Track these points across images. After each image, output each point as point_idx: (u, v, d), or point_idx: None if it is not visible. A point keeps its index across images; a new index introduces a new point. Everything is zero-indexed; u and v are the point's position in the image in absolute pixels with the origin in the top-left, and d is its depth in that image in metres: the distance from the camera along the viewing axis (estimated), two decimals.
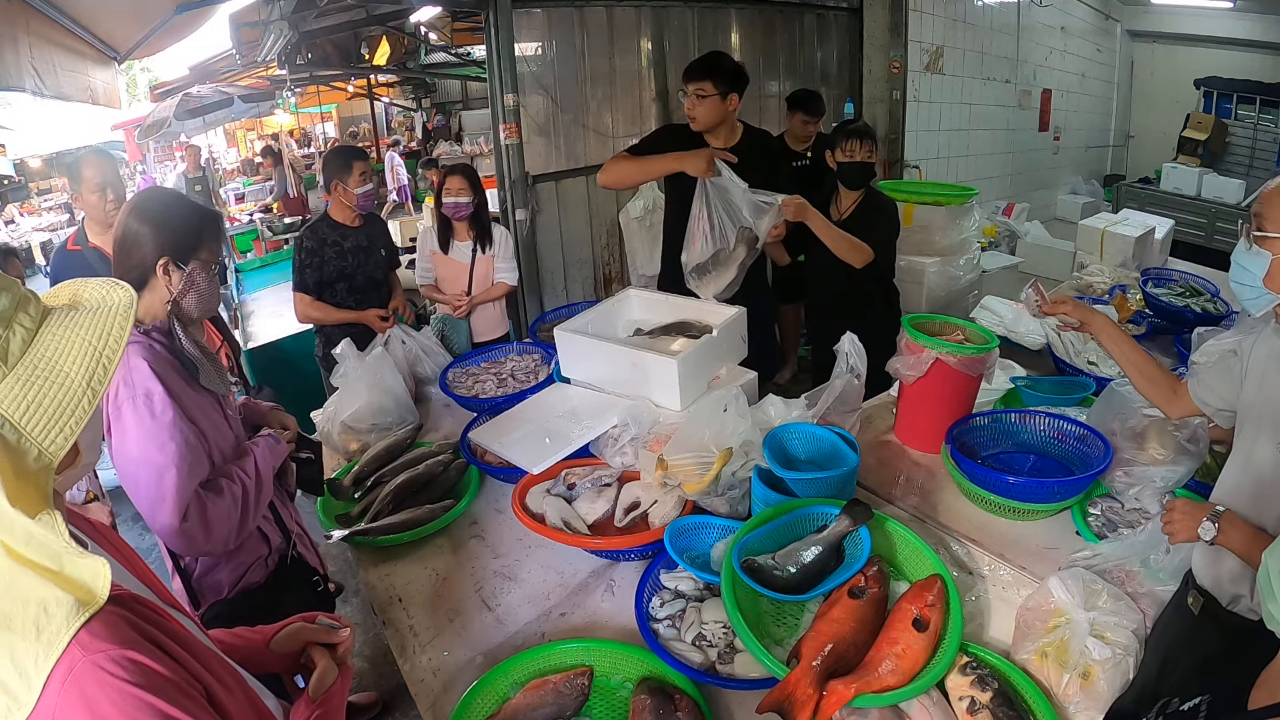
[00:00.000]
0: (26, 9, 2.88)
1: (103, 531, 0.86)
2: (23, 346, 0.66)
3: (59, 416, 0.65)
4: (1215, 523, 1.13)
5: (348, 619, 1.13)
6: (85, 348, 0.68)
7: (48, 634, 0.62)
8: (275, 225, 7.21)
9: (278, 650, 0.99)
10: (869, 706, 1.04)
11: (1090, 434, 1.65)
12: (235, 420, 1.51)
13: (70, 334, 0.69)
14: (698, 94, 2.29)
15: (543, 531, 1.51)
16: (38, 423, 0.64)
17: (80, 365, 0.67)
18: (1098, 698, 1.09)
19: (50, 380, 0.66)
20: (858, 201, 2.54)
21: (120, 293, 0.75)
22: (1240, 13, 7.20)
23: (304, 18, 4.91)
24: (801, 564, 1.25)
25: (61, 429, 0.65)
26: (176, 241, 1.36)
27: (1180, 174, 6.85)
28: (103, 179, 2.39)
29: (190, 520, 1.29)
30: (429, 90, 11.00)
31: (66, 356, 0.67)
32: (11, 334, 0.66)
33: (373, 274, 2.71)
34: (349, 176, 2.57)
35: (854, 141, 2.46)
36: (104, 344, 0.69)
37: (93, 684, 0.62)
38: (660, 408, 1.80)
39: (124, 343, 0.71)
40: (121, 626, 0.67)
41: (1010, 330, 2.54)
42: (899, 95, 5.35)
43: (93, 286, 0.77)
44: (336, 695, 0.94)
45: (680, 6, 4.32)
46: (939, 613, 1.14)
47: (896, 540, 1.35)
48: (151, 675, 0.65)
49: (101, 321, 0.71)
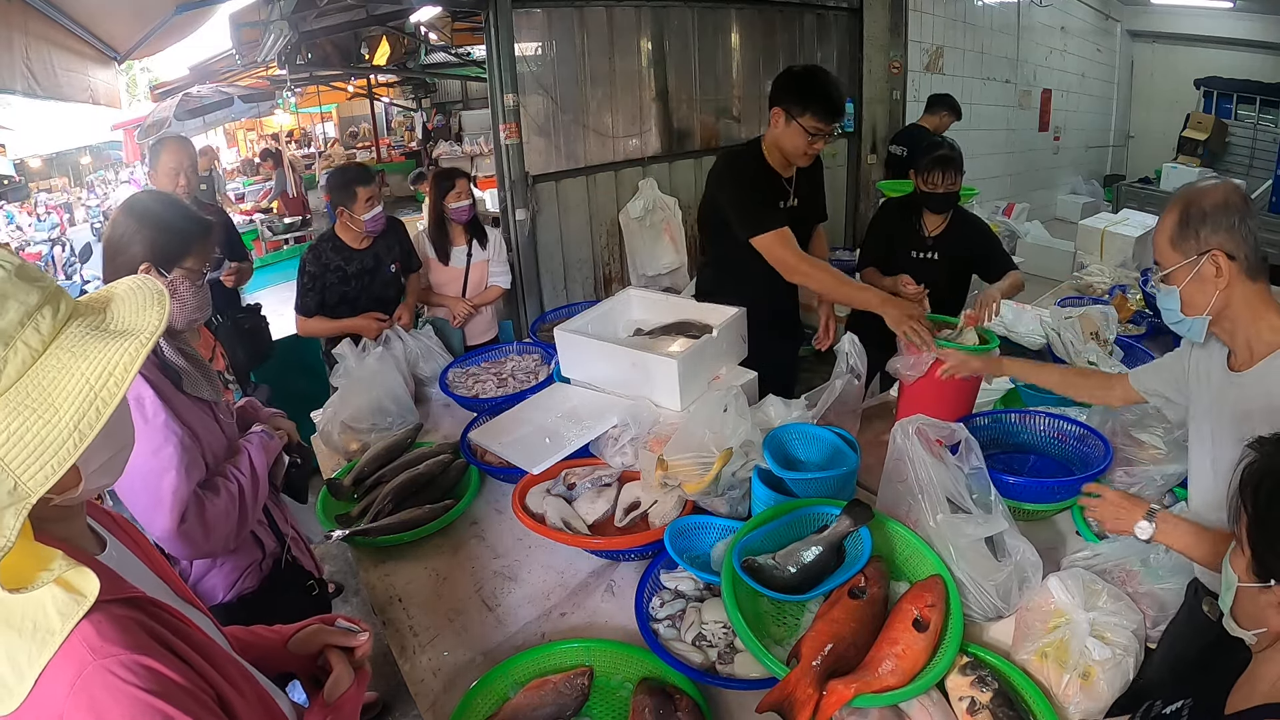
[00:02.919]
0: (26, 9, 2.87)
1: (122, 525, 0.85)
2: (20, 370, 0.62)
3: (39, 453, 0.60)
4: (1152, 521, 1.19)
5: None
6: (83, 385, 0.63)
7: (43, 630, 0.61)
8: (275, 225, 7.21)
9: (295, 651, 0.98)
10: (869, 706, 1.04)
11: (1090, 434, 1.65)
12: (229, 425, 1.49)
13: (74, 364, 0.64)
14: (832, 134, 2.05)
15: (543, 531, 1.51)
16: (17, 455, 0.60)
17: (72, 405, 0.62)
18: (1098, 698, 1.09)
19: (38, 415, 0.61)
20: (947, 221, 2.53)
21: (151, 318, 0.70)
22: (1240, 13, 7.21)
23: (304, 18, 4.91)
24: (802, 564, 1.25)
25: (42, 467, 0.60)
26: (162, 247, 1.35)
27: (1180, 174, 6.84)
28: (178, 164, 2.56)
29: (189, 522, 1.28)
30: (429, 90, 10.99)
31: (61, 391, 0.62)
32: (12, 353, 0.62)
33: (379, 294, 2.60)
34: (353, 204, 2.45)
35: (937, 173, 2.41)
36: (103, 385, 0.64)
37: (102, 689, 0.61)
38: (660, 408, 1.80)
39: (124, 386, 0.65)
40: (135, 631, 0.66)
41: (1010, 330, 2.54)
42: (899, 95, 5.35)
43: (131, 299, 0.71)
44: (351, 700, 0.93)
45: (680, 6, 4.32)
46: (939, 613, 1.14)
47: (897, 540, 1.35)
48: (163, 681, 0.64)
49: (110, 355, 0.65)
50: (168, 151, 2.58)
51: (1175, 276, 1.19)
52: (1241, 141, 7.14)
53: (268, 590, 1.52)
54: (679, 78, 4.43)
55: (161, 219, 1.37)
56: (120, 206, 1.39)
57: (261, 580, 1.52)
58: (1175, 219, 1.18)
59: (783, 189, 2.15)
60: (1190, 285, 1.18)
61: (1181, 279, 1.18)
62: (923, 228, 2.54)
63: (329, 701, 0.91)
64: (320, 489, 1.85)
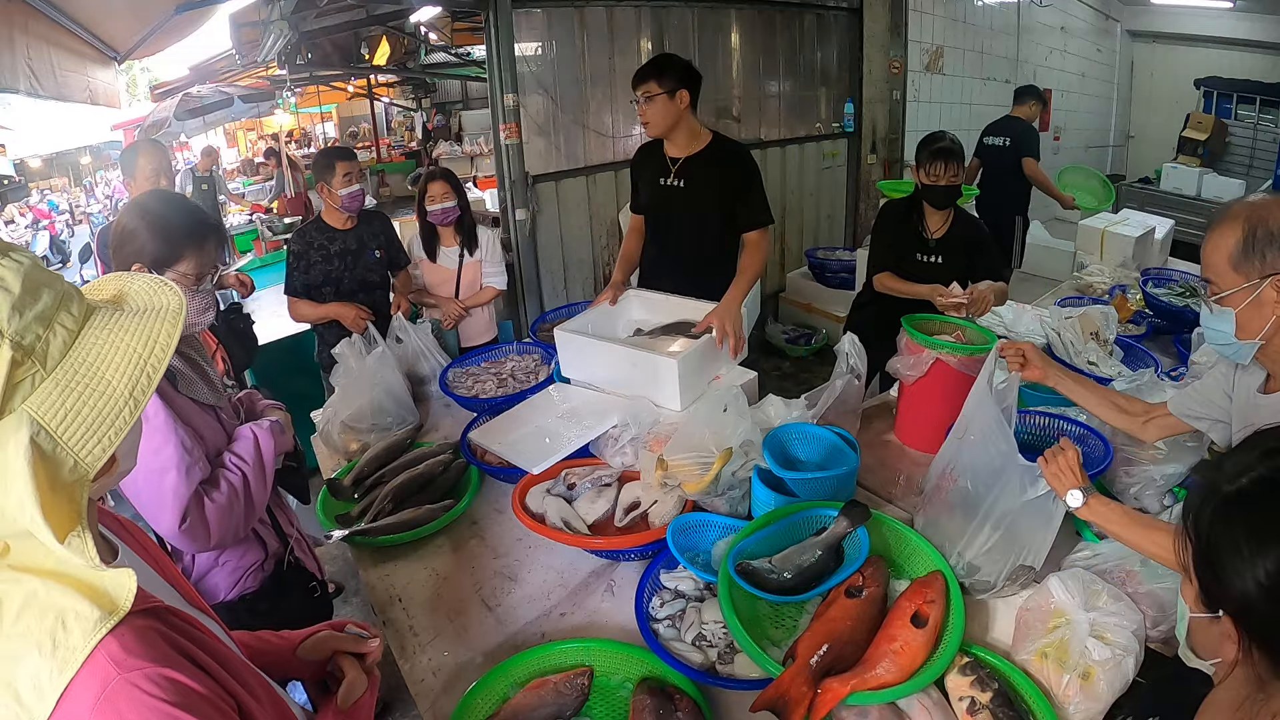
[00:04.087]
0: (26, 9, 2.87)
1: (132, 530, 0.85)
2: (63, 349, 0.63)
3: (98, 426, 0.61)
4: (1085, 496, 1.19)
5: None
6: (130, 354, 0.65)
7: (64, 649, 0.60)
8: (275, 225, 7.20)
9: (305, 657, 0.98)
10: (866, 704, 1.04)
11: (1090, 434, 1.65)
12: (231, 425, 1.49)
13: (114, 338, 0.65)
14: (645, 95, 2.26)
15: (543, 531, 1.51)
16: (75, 432, 0.60)
17: (124, 373, 0.64)
18: (1098, 698, 1.09)
19: (91, 388, 0.62)
20: (949, 221, 2.47)
21: (170, 296, 0.71)
22: (1240, 13, 7.21)
23: (304, 18, 4.91)
24: (800, 569, 1.25)
25: (100, 439, 0.61)
26: (157, 248, 1.35)
27: (1180, 174, 6.85)
28: (156, 167, 2.62)
29: (190, 520, 1.29)
30: (429, 90, 10.97)
31: (109, 363, 0.64)
32: (52, 335, 0.62)
33: (364, 277, 2.66)
34: (332, 178, 2.54)
35: (939, 164, 2.34)
36: (149, 351, 0.65)
37: (128, 704, 0.60)
38: (660, 408, 1.80)
39: (170, 351, 0.67)
40: (158, 642, 0.65)
41: (1010, 330, 2.54)
42: (899, 95, 5.36)
43: (140, 284, 0.73)
44: (365, 706, 0.93)
45: (680, 6, 4.32)
46: (939, 609, 1.14)
47: (896, 539, 1.35)
48: (187, 693, 0.63)
49: (148, 327, 0.67)
50: (145, 155, 2.64)
51: (1233, 299, 1.12)
52: (1241, 141, 7.14)
53: (270, 591, 1.52)
54: None
55: (162, 219, 1.36)
56: (125, 205, 1.39)
57: (263, 581, 1.52)
58: (1239, 238, 1.10)
59: (664, 166, 2.38)
60: (1248, 309, 1.11)
61: (1239, 301, 1.12)
62: (925, 229, 2.48)
63: (343, 707, 0.91)
64: (320, 489, 1.86)
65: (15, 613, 0.61)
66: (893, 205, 2.67)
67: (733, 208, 2.33)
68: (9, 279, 0.60)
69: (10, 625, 0.61)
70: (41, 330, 0.61)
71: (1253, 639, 0.66)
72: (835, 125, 5.41)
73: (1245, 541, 0.65)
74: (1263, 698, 0.66)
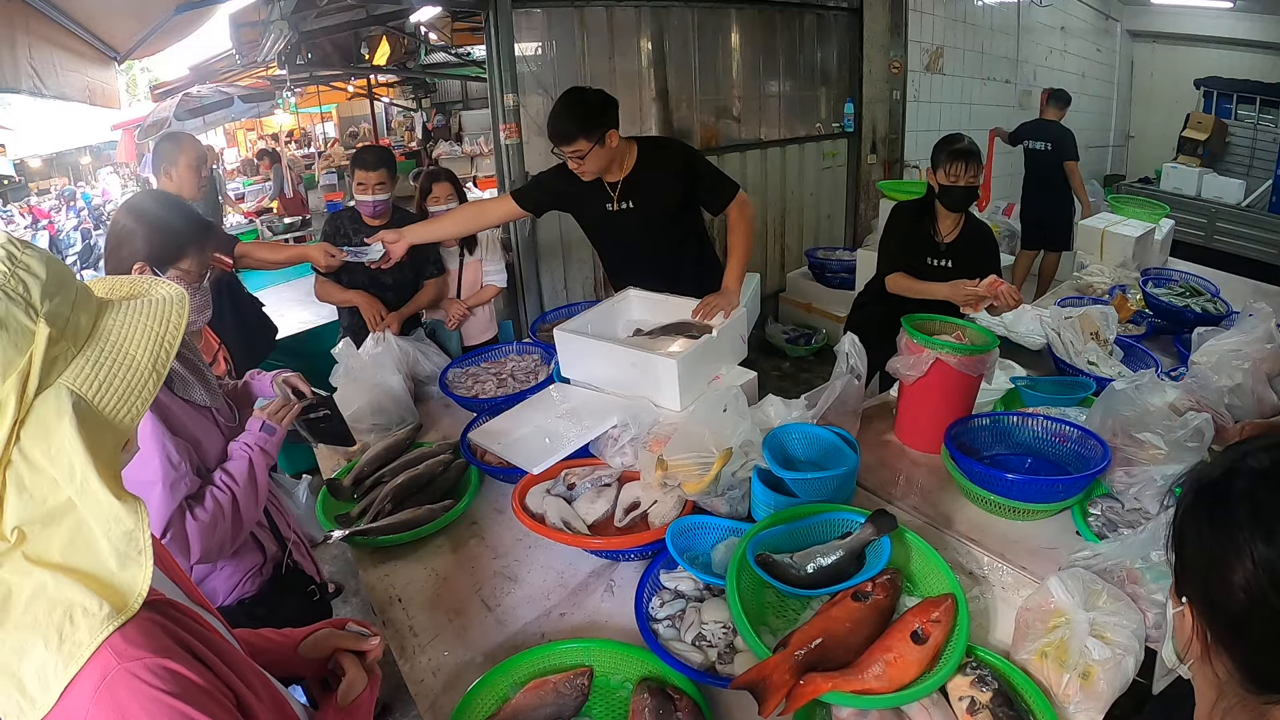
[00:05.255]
0: (26, 9, 2.87)
1: None
2: (89, 329, 0.68)
3: (128, 396, 0.66)
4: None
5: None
6: (148, 331, 0.70)
7: (70, 643, 0.61)
8: (275, 225, 7.21)
9: (306, 655, 0.98)
10: (845, 705, 1.04)
11: (1088, 436, 1.64)
12: (230, 428, 1.48)
13: (131, 319, 0.70)
14: (574, 156, 2.08)
15: (543, 531, 1.51)
16: (109, 401, 0.65)
17: (144, 348, 0.69)
18: (1098, 698, 1.09)
19: (118, 362, 0.67)
20: (960, 226, 2.47)
21: (167, 287, 0.76)
22: (1240, 13, 7.21)
23: (304, 18, 4.91)
24: (820, 567, 1.25)
25: (130, 408, 0.66)
26: (156, 247, 1.35)
27: (1180, 174, 6.85)
28: (199, 159, 2.59)
29: (172, 534, 1.27)
30: (429, 90, 10.98)
31: (131, 340, 0.69)
32: (77, 316, 0.67)
33: (377, 275, 2.59)
34: (353, 181, 2.55)
35: (959, 165, 2.32)
36: (165, 330, 0.71)
37: (127, 693, 0.62)
38: (660, 408, 1.80)
39: (182, 329, 0.72)
40: (158, 634, 0.66)
41: (1010, 330, 2.54)
42: (899, 95, 5.36)
43: (128, 283, 0.78)
44: (364, 704, 0.94)
45: (680, 6, 4.32)
46: (941, 630, 1.12)
47: (916, 555, 1.33)
48: (186, 684, 0.65)
49: (158, 310, 0.72)
50: (187, 151, 2.55)
51: None
52: (1241, 141, 7.14)
53: (268, 594, 1.52)
54: (679, 78, 4.43)
55: (160, 218, 1.37)
56: (121, 205, 1.39)
57: (262, 584, 1.51)
58: None
59: (604, 193, 2.29)
60: None
61: None
62: (936, 232, 2.47)
63: (343, 704, 0.91)
64: (320, 489, 1.86)
65: (24, 604, 0.62)
66: (903, 208, 2.64)
67: (692, 198, 2.31)
68: (35, 266, 0.64)
69: (19, 616, 0.62)
70: (69, 312, 0.66)
71: (1210, 629, 0.65)
72: (835, 125, 5.41)
73: (1207, 526, 0.65)
74: (1224, 705, 0.65)
